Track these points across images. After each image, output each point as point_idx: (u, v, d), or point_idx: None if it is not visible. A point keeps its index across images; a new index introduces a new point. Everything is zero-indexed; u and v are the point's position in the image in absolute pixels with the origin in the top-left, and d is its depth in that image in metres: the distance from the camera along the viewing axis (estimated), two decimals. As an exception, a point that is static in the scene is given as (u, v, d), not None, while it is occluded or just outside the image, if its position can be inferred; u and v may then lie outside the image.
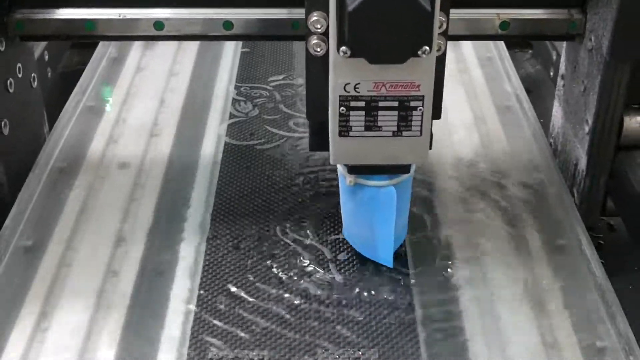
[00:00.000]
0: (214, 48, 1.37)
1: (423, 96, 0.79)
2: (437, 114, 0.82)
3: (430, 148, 0.83)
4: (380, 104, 0.79)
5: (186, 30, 0.99)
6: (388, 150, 0.82)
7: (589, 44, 0.98)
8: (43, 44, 1.30)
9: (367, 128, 0.80)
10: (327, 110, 0.81)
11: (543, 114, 1.26)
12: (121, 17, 0.98)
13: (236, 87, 1.28)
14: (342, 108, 0.79)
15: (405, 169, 0.85)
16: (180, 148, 1.13)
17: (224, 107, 1.22)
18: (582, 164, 1.01)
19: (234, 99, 1.25)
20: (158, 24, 0.98)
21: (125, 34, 1.00)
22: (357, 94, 0.78)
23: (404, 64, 0.75)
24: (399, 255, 0.92)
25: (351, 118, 0.80)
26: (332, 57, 0.77)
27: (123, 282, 0.90)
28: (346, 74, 0.77)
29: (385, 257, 0.89)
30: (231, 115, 1.20)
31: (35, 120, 1.10)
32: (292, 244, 0.95)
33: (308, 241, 0.96)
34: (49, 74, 1.31)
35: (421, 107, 0.79)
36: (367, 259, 0.92)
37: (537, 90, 1.36)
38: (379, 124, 0.80)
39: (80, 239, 0.96)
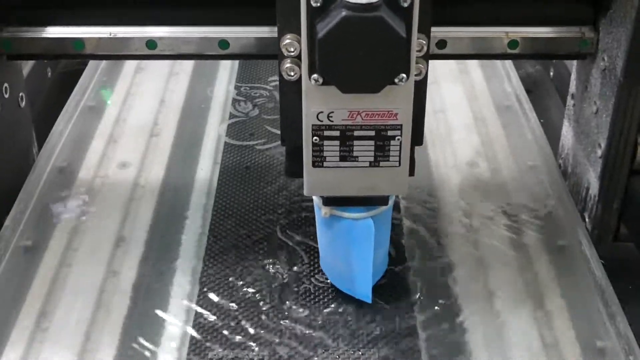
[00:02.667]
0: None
1: (401, 125, 0.74)
2: (418, 140, 0.78)
3: (412, 174, 0.79)
4: (356, 133, 0.75)
5: (180, 50, 0.94)
6: (365, 182, 0.78)
7: (601, 63, 0.94)
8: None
9: (342, 158, 0.76)
10: (302, 135, 0.77)
11: (543, 114, 1.26)
12: (112, 36, 0.94)
13: (236, 87, 1.28)
14: (315, 137, 0.75)
15: (383, 200, 0.81)
16: (180, 148, 1.13)
17: (224, 107, 1.22)
18: (594, 188, 0.96)
19: (234, 99, 1.25)
20: (151, 43, 0.94)
21: (116, 53, 0.96)
22: (331, 123, 0.74)
23: (380, 91, 0.72)
24: (379, 288, 0.88)
25: (325, 148, 0.76)
26: (304, 84, 0.73)
27: (123, 282, 0.90)
28: (319, 103, 0.73)
29: (364, 292, 0.85)
30: (231, 115, 1.20)
31: (24, 141, 1.06)
32: (292, 243, 0.95)
33: (308, 241, 0.96)
34: (49, 74, 1.31)
35: (399, 137, 0.75)
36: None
37: (537, 90, 1.36)
38: (355, 154, 0.76)
39: (80, 239, 0.96)
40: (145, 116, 1.20)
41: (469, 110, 1.21)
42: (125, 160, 1.10)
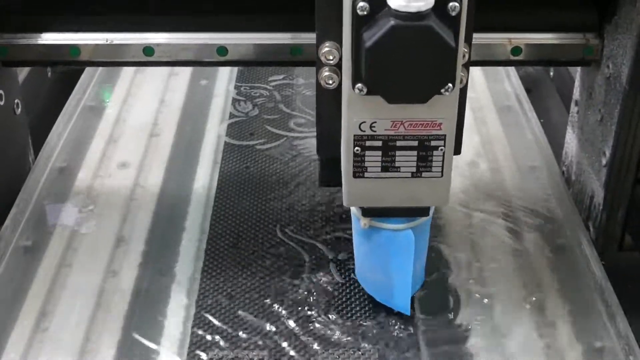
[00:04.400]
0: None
1: (445, 135, 0.73)
2: (457, 149, 0.76)
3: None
4: (398, 143, 0.73)
5: (178, 56, 0.93)
6: (406, 192, 0.76)
7: (606, 70, 0.93)
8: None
9: (384, 169, 0.75)
10: (339, 145, 0.76)
11: (543, 114, 1.26)
12: (108, 43, 0.93)
13: (236, 87, 1.28)
14: (356, 148, 0.73)
15: (423, 211, 0.79)
16: (180, 148, 1.13)
17: (224, 107, 1.22)
18: (599, 197, 0.95)
19: (234, 98, 1.25)
20: (148, 49, 0.92)
21: (113, 60, 0.94)
22: (374, 133, 0.72)
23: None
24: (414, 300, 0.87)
25: (366, 158, 0.74)
26: (347, 93, 0.71)
27: (123, 282, 0.90)
28: (362, 112, 0.71)
29: (403, 304, 0.84)
30: (231, 115, 1.20)
31: (19, 148, 1.06)
32: (292, 243, 0.95)
33: (308, 241, 0.96)
34: (49, 74, 1.31)
35: (442, 147, 0.73)
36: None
37: (537, 90, 1.36)
38: (397, 164, 0.74)
39: (80, 239, 0.96)
40: (145, 116, 1.20)
41: (469, 110, 1.21)
42: (125, 160, 1.10)
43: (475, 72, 1.31)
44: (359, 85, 0.69)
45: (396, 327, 0.84)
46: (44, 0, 0.94)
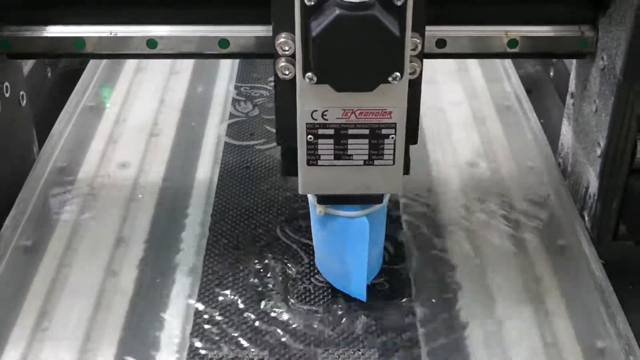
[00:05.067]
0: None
1: (395, 123, 0.75)
2: (413, 138, 0.78)
3: (407, 173, 0.79)
4: (350, 131, 0.75)
5: (181, 49, 0.94)
6: (359, 180, 0.78)
7: (600, 62, 0.94)
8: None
9: (337, 157, 0.76)
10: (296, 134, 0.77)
11: (543, 114, 1.26)
12: (112, 35, 0.94)
13: (236, 87, 1.28)
14: (309, 136, 0.75)
15: (378, 198, 0.81)
16: (180, 148, 1.13)
17: (224, 107, 1.22)
18: (594, 187, 0.97)
19: (234, 98, 1.25)
20: (151, 42, 0.93)
21: (116, 52, 0.95)
22: (325, 122, 0.75)
23: (374, 90, 0.72)
24: (373, 287, 0.88)
25: (319, 146, 0.76)
26: (299, 83, 0.73)
27: (123, 282, 0.90)
28: (313, 101, 0.73)
29: (359, 291, 0.85)
30: (231, 115, 1.20)
31: (24, 140, 1.07)
32: (291, 244, 0.95)
33: (308, 241, 0.96)
34: (49, 74, 1.31)
35: (393, 135, 0.75)
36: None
37: (537, 90, 1.36)
38: (349, 152, 0.76)
39: (80, 239, 0.96)
40: (145, 116, 1.20)
41: (469, 110, 1.21)
42: (125, 160, 1.10)
43: (475, 72, 1.31)
44: (309, 74, 0.71)
45: (397, 327, 0.84)
46: None
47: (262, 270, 0.92)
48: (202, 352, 0.81)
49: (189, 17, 0.94)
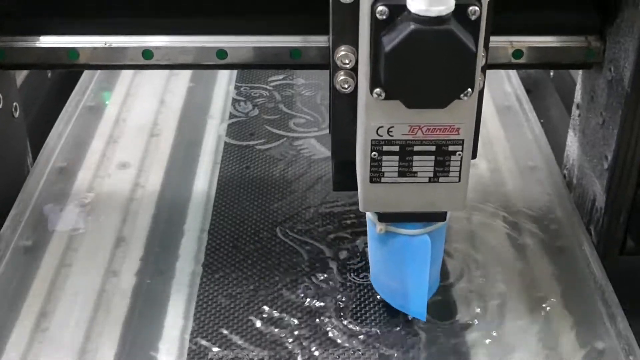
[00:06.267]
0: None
1: (463, 140, 0.72)
2: (473, 153, 0.75)
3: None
4: (416, 148, 0.72)
5: (177, 60, 0.92)
6: (423, 198, 0.75)
7: (608, 74, 0.92)
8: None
9: (401, 174, 0.73)
10: (354, 149, 0.75)
11: (543, 114, 1.26)
12: (107, 46, 0.92)
13: (236, 87, 1.28)
14: (374, 153, 0.72)
15: (440, 216, 0.78)
16: (180, 148, 1.13)
17: (224, 107, 1.22)
18: (601, 200, 0.95)
19: (234, 99, 1.25)
20: (147, 52, 0.92)
21: (111, 63, 0.94)
22: (391, 138, 0.71)
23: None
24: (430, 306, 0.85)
25: (384, 163, 0.73)
26: (364, 98, 0.70)
27: (123, 282, 0.90)
28: (379, 117, 0.70)
29: (418, 310, 0.82)
30: (231, 115, 1.20)
31: (17, 152, 1.05)
32: (292, 243, 0.95)
33: (308, 241, 0.96)
34: (49, 74, 1.31)
35: (460, 152, 0.72)
36: (367, 257, 0.92)
37: (537, 90, 1.36)
38: (414, 169, 0.73)
39: (80, 239, 0.96)
40: (145, 116, 1.20)
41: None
42: (125, 160, 1.10)
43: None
44: (378, 90, 0.68)
45: (397, 328, 0.84)
46: (42, 3, 0.93)
47: (262, 270, 0.91)
48: (202, 352, 0.81)
49: (186, 27, 0.93)
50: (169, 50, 0.93)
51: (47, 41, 0.94)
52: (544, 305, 0.87)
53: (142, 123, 1.18)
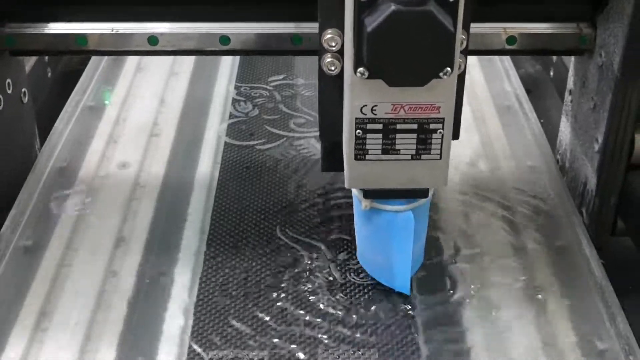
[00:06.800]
0: (214, 48, 1.37)
1: (443, 118, 0.75)
2: (455, 134, 0.79)
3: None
4: (399, 126, 0.75)
5: (182, 45, 0.95)
6: (406, 174, 0.78)
7: (599, 59, 0.95)
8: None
9: (385, 151, 0.77)
10: (341, 130, 0.78)
11: (543, 114, 1.26)
12: (114, 32, 0.95)
13: (236, 87, 1.28)
14: (358, 131, 0.76)
15: (423, 193, 0.81)
16: (180, 148, 1.13)
17: (224, 107, 1.22)
18: (592, 183, 0.97)
19: (234, 99, 1.25)
20: (152, 39, 0.94)
21: (118, 49, 0.97)
22: (374, 117, 0.75)
23: (425, 85, 0.72)
24: (414, 281, 0.89)
25: (368, 141, 0.76)
26: (349, 78, 0.73)
27: (123, 282, 0.90)
28: (363, 96, 0.74)
29: (402, 284, 0.86)
30: (231, 115, 1.20)
31: (27, 137, 1.07)
32: (292, 243, 0.95)
33: (308, 241, 0.96)
34: (49, 74, 1.31)
35: (441, 130, 0.76)
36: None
37: (537, 90, 1.36)
38: (397, 147, 0.77)
39: (80, 239, 0.96)
40: (145, 116, 1.20)
41: (469, 110, 1.21)
42: (125, 160, 1.10)
43: (475, 71, 1.31)
44: (361, 69, 0.71)
45: (397, 329, 0.84)
46: None
47: (262, 270, 0.91)
48: (202, 352, 0.81)
49: (190, 13, 0.95)
50: (173, 36, 0.95)
51: (55, 28, 0.96)
52: (543, 305, 0.87)
53: (142, 123, 1.18)
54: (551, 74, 1.35)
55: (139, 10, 0.95)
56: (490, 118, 1.19)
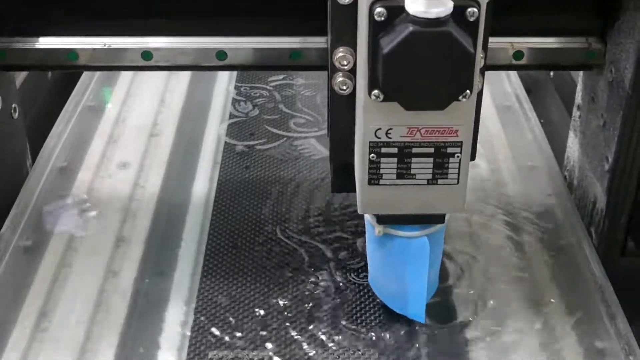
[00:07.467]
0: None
1: (461, 142, 0.71)
2: (472, 155, 0.75)
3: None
4: (414, 150, 0.72)
5: (177, 61, 0.92)
6: (421, 199, 0.75)
7: (609, 75, 0.92)
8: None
9: (400, 176, 0.73)
10: (352, 151, 0.75)
11: (543, 114, 1.26)
12: (106, 47, 0.92)
13: (236, 87, 1.28)
14: (372, 155, 0.72)
15: (439, 218, 0.78)
16: (180, 148, 1.13)
17: (224, 107, 1.22)
18: (601, 202, 0.95)
19: (234, 99, 1.25)
20: (146, 54, 0.92)
21: (110, 64, 0.94)
22: (389, 140, 0.71)
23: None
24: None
25: (382, 165, 0.73)
26: (362, 100, 0.70)
27: (123, 282, 0.90)
28: (378, 119, 0.70)
29: (417, 312, 0.82)
30: (231, 115, 1.20)
31: (17, 153, 1.04)
32: (292, 243, 0.95)
33: (308, 240, 0.96)
34: (49, 74, 1.31)
35: (459, 154, 0.72)
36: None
37: (537, 90, 1.36)
38: (413, 171, 0.73)
39: (80, 239, 0.96)
40: (145, 116, 1.20)
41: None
42: (125, 160, 1.10)
43: (475, 72, 1.31)
44: (376, 91, 0.68)
45: (397, 328, 0.84)
46: (41, 4, 0.93)
47: (262, 270, 0.91)
48: (202, 352, 0.81)
49: (185, 28, 0.93)
50: (168, 51, 0.93)
51: (46, 42, 0.93)
52: (543, 305, 0.87)
53: (142, 123, 1.18)
54: (551, 74, 1.35)
55: (132, 24, 0.93)
56: (490, 118, 1.19)
